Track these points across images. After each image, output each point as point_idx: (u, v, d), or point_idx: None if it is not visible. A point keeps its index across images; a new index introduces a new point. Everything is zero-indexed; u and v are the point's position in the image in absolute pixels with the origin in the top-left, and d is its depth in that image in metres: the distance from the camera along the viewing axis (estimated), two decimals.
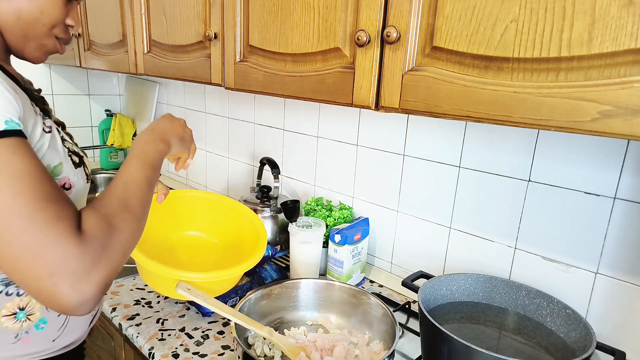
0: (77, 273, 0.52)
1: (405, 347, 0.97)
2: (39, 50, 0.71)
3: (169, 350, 0.93)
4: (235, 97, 1.71)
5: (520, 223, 0.99)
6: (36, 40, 0.69)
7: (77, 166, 0.72)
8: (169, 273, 0.80)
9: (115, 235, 0.58)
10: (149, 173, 0.69)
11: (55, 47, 0.72)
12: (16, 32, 0.66)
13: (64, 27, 0.72)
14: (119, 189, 0.64)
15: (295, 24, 0.88)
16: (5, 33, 0.66)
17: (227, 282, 0.91)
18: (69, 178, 0.69)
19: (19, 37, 0.67)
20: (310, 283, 1.00)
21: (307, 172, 1.48)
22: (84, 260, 0.53)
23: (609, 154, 0.85)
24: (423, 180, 1.16)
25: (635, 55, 0.50)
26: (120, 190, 0.64)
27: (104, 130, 2.28)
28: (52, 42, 0.71)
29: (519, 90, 0.59)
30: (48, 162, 0.65)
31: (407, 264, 1.24)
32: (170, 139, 0.78)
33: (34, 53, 0.70)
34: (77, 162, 0.73)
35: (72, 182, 0.70)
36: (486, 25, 0.61)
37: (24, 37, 0.67)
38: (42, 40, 0.69)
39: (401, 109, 0.73)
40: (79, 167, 0.73)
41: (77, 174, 0.71)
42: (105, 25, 1.56)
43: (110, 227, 0.58)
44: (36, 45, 0.69)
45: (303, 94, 0.89)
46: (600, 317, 0.90)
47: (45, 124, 0.66)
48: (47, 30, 0.69)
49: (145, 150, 0.72)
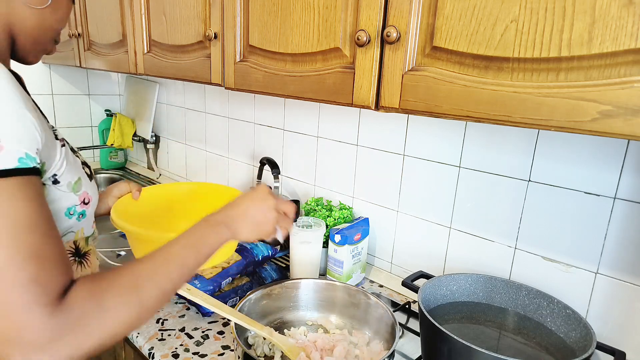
0: (35, 345, 0.46)
1: (405, 347, 0.97)
2: (41, 53, 0.72)
3: (169, 350, 0.93)
4: (235, 97, 1.71)
5: (520, 223, 0.99)
6: (43, 45, 0.70)
7: (91, 178, 0.72)
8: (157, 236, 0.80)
9: (101, 315, 0.51)
10: (191, 261, 0.63)
11: (52, 49, 0.74)
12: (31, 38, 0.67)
13: None
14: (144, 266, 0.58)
15: (295, 23, 0.88)
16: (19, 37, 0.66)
17: None
18: (88, 192, 0.69)
19: (31, 42, 0.67)
20: (310, 283, 1.00)
21: (307, 172, 1.48)
22: (48, 333, 0.47)
23: (609, 154, 0.85)
24: (423, 180, 1.16)
25: (635, 55, 0.50)
26: (144, 268, 0.58)
27: (104, 130, 2.28)
28: (51, 45, 0.72)
29: (519, 90, 0.59)
30: (69, 179, 0.64)
31: (407, 264, 1.24)
32: (239, 225, 0.71)
33: (35, 57, 0.71)
34: (89, 173, 0.72)
35: (90, 196, 0.69)
36: (486, 25, 0.61)
37: (35, 42, 0.68)
38: (47, 45, 0.71)
39: (401, 109, 0.73)
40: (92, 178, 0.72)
41: (92, 187, 0.71)
42: (105, 25, 1.56)
43: (98, 306, 0.51)
44: (41, 49, 0.70)
45: (303, 94, 0.89)
46: (600, 317, 0.90)
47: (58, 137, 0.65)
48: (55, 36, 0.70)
49: (205, 234, 0.67)
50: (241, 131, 1.72)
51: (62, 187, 0.64)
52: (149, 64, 1.37)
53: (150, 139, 2.17)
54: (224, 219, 0.70)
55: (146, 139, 2.18)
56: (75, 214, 0.68)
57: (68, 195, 0.65)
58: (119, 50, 1.51)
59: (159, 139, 2.22)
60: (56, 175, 0.63)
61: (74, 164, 0.67)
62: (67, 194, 0.65)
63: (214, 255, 0.75)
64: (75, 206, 0.67)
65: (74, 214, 0.67)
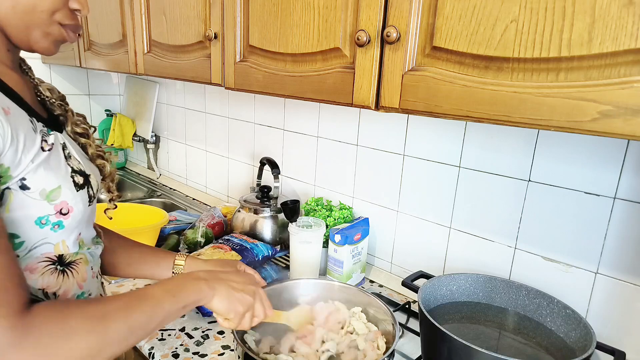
0: None
1: (405, 347, 0.97)
2: (45, 39, 0.65)
3: (169, 350, 0.93)
4: (235, 97, 1.71)
5: (520, 223, 0.99)
6: (39, 29, 0.64)
7: (80, 188, 0.66)
8: None
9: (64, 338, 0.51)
10: (165, 305, 0.63)
11: (61, 35, 0.67)
12: (17, 24, 0.62)
13: (68, 12, 0.66)
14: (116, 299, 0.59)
15: (295, 23, 0.88)
16: (6, 28, 0.62)
17: None
18: (68, 202, 0.64)
19: (21, 28, 0.63)
20: (310, 283, 1.00)
21: (307, 172, 1.48)
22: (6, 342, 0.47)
23: (609, 154, 0.85)
24: (423, 180, 1.16)
25: (635, 55, 0.50)
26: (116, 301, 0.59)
27: (104, 130, 2.28)
28: (56, 30, 0.66)
29: (519, 90, 0.59)
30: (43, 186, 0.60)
31: (407, 264, 1.24)
32: (218, 285, 0.71)
33: (41, 44, 0.65)
34: (81, 183, 0.67)
35: (70, 207, 0.64)
36: (486, 25, 0.61)
37: (26, 27, 0.62)
38: (45, 29, 0.64)
39: (401, 109, 0.73)
40: (82, 188, 0.67)
41: (77, 197, 0.65)
42: (105, 25, 1.56)
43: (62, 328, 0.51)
44: (40, 35, 0.64)
45: (303, 94, 0.89)
46: (600, 317, 0.90)
47: (47, 142, 0.62)
48: (48, 17, 0.64)
49: (185, 283, 0.67)
50: (241, 131, 1.72)
51: (32, 193, 0.59)
52: (149, 64, 1.37)
53: (151, 139, 2.17)
54: (207, 276, 0.71)
55: (146, 139, 2.18)
56: (48, 223, 0.62)
57: (39, 203, 0.60)
58: (119, 50, 1.51)
59: (159, 139, 2.22)
60: (24, 180, 0.58)
61: (57, 171, 0.63)
62: (38, 201, 0.60)
63: None
64: (49, 216, 0.62)
65: (46, 223, 0.62)
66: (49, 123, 0.66)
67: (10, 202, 0.58)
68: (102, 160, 0.78)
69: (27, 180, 0.58)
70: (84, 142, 0.75)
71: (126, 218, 1.42)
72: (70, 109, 0.76)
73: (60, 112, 0.73)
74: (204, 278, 0.71)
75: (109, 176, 0.80)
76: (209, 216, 1.46)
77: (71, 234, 0.67)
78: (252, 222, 1.36)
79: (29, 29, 0.63)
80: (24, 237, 0.60)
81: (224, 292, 0.71)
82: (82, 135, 0.76)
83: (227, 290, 0.72)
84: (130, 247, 0.90)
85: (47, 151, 0.62)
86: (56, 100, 0.74)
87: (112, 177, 0.81)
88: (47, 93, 0.72)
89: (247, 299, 0.73)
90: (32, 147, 0.59)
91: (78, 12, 0.68)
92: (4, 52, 0.65)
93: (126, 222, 1.41)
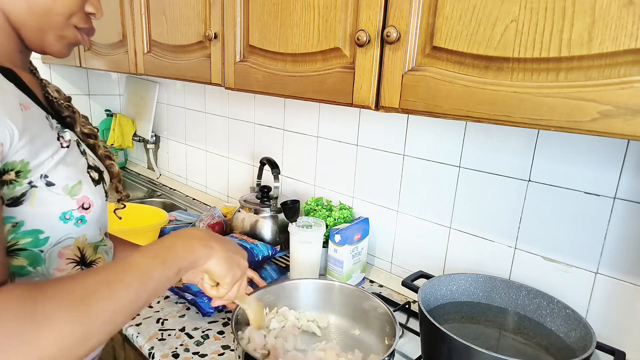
0: None
1: (405, 347, 0.97)
2: (59, 42, 0.66)
3: (169, 350, 0.93)
4: (235, 97, 1.71)
5: (520, 223, 0.99)
6: (54, 32, 0.64)
7: (97, 183, 0.67)
8: None
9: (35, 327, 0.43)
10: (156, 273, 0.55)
11: (76, 38, 0.68)
12: (32, 26, 0.62)
13: (84, 16, 0.67)
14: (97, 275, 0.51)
15: (295, 24, 0.88)
16: (21, 29, 0.62)
17: None
18: (88, 197, 0.64)
19: (35, 30, 0.63)
20: (310, 283, 1.00)
21: (307, 172, 1.48)
22: None
23: (609, 154, 0.85)
24: (423, 180, 1.16)
25: (635, 55, 0.50)
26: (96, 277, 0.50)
27: (104, 130, 2.28)
28: (71, 33, 0.66)
29: (519, 90, 0.59)
30: (66, 182, 0.61)
31: (407, 264, 1.24)
32: (215, 244, 0.64)
33: (55, 46, 0.66)
34: (97, 178, 0.68)
35: (91, 201, 0.65)
36: (486, 25, 0.61)
37: (41, 30, 0.63)
38: (61, 32, 0.65)
39: (401, 109, 0.73)
40: (99, 183, 0.68)
41: (95, 192, 0.66)
42: (105, 25, 1.56)
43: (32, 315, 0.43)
44: (55, 37, 0.65)
45: (303, 94, 0.89)
46: (600, 317, 0.90)
47: (64, 138, 0.63)
48: (64, 20, 0.64)
49: (174, 245, 0.59)
50: (241, 131, 1.72)
51: (56, 189, 0.60)
52: (149, 64, 1.37)
53: (151, 139, 2.17)
54: (200, 234, 0.64)
55: (146, 139, 2.18)
56: (72, 218, 0.63)
57: (63, 199, 0.61)
58: (119, 50, 1.51)
59: (159, 139, 2.22)
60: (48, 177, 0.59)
61: (75, 167, 0.64)
62: (62, 197, 0.61)
63: None
64: (72, 211, 0.63)
65: (70, 218, 0.63)
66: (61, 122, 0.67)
67: (35, 198, 0.58)
68: (110, 160, 0.78)
69: (49, 177, 0.59)
70: (93, 142, 0.76)
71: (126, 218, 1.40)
72: (77, 110, 0.77)
73: (68, 114, 0.73)
74: (198, 236, 0.63)
75: (116, 176, 0.80)
76: (209, 216, 1.46)
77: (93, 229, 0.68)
78: (252, 222, 1.36)
79: (44, 31, 0.64)
80: (48, 232, 0.61)
81: (222, 252, 0.64)
82: (90, 136, 0.76)
83: (226, 251, 0.65)
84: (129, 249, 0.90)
85: (66, 147, 0.62)
86: (64, 102, 0.74)
87: (119, 178, 0.81)
88: (55, 94, 0.73)
89: (243, 264, 0.68)
90: (51, 144, 0.60)
91: (93, 16, 0.69)
92: (17, 54, 0.65)
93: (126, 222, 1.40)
